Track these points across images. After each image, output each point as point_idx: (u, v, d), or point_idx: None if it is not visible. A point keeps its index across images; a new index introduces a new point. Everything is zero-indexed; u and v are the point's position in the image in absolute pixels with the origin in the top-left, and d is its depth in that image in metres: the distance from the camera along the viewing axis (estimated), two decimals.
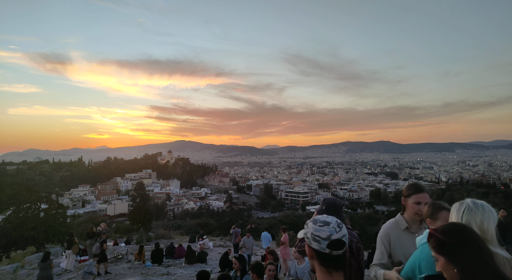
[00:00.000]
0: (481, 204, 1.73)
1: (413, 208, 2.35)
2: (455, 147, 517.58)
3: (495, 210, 1.70)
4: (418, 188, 2.41)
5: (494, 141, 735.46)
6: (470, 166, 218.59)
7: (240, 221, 29.53)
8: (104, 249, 10.64)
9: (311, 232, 1.33)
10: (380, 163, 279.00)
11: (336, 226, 1.33)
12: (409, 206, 2.38)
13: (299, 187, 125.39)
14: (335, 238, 1.29)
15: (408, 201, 2.38)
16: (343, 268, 1.35)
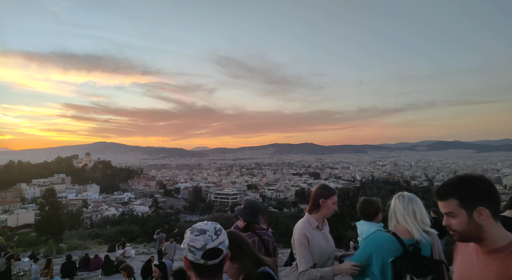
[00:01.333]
0: (415, 196, 2.15)
1: (331, 207, 2.54)
2: (367, 149, 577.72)
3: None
4: (333, 190, 2.63)
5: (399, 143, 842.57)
6: (379, 166, 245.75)
7: (167, 226, 28.35)
8: (11, 265, 9.16)
9: (187, 243, 1.28)
10: (305, 164, 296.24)
11: (213, 233, 1.27)
12: (327, 206, 2.53)
13: (228, 188, 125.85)
14: (211, 247, 1.24)
15: (327, 202, 2.53)
16: (220, 277, 1.30)
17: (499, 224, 1.39)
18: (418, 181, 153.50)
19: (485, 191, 1.37)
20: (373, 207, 2.87)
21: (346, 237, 28.37)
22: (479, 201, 1.36)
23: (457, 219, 1.40)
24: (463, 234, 1.41)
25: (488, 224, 1.36)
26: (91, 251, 18.29)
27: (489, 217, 1.36)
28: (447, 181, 1.47)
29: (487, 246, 1.38)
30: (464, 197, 1.38)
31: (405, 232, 2.04)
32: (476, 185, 1.38)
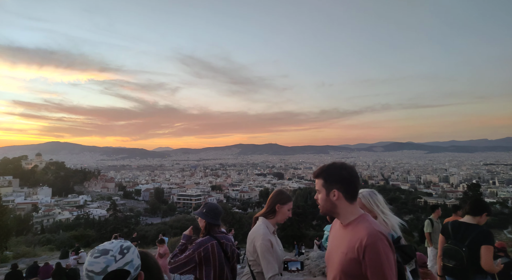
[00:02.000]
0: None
1: (286, 214, 2.55)
2: (329, 149, 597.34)
3: None
4: (290, 197, 2.63)
5: (358, 144, 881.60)
6: None
7: (126, 230, 27.25)
8: None
9: (85, 268, 1.11)
10: (269, 164, 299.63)
11: (117, 253, 1.14)
12: (283, 212, 2.53)
13: (192, 190, 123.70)
14: (113, 269, 1.10)
15: (283, 208, 2.53)
16: None
17: (353, 205, 1.67)
18: (375, 181, 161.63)
19: (342, 177, 1.65)
20: None
21: (308, 236, 29.06)
22: (336, 184, 1.64)
23: (320, 196, 1.71)
24: (323, 208, 1.72)
25: (341, 204, 1.65)
26: (41, 258, 17.00)
27: (341, 198, 1.64)
28: (324, 164, 1.75)
29: (343, 220, 1.68)
30: (326, 179, 1.68)
31: (382, 224, 2.22)
32: (337, 171, 1.67)
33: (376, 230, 1.52)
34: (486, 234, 2.91)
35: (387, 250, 1.47)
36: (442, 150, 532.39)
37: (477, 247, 2.89)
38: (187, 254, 2.54)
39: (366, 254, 1.47)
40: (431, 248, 6.86)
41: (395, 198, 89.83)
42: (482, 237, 2.90)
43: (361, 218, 1.63)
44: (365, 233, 1.51)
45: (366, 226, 1.56)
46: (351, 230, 1.61)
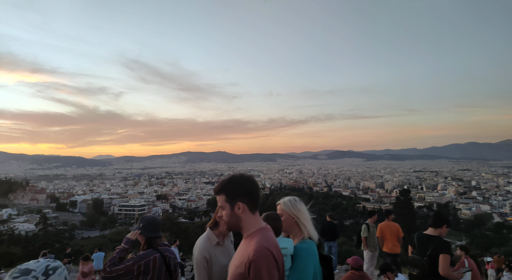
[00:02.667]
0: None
1: None
2: (276, 157, 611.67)
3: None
4: None
5: (303, 152, 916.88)
6: (287, 173, 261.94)
7: (57, 245, 24.78)
8: None
9: None
10: (217, 172, 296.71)
11: (40, 273, 1.05)
12: None
13: (135, 200, 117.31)
14: None
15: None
16: None
17: (255, 216, 1.70)
18: (319, 187, 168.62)
19: (246, 189, 1.67)
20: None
21: None
22: (239, 197, 1.66)
23: (225, 212, 1.69)
24: (228, 224, 1.71)
25: (245, 216, 1.67)
26: None
27: (246, 210, 1.66)
28: (223, 179, 1.74)
29: (244, 233, 1.70)
30: (229, 193, 1.68)
31: (299, 233, 2.32)
32: (239, 183, 1.68)
33: (264, 246, 1.52)
34: (444, 244, 3.30)
35: (271, 267, 1.48)
36: (378, 158, 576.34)
37: (437, 256, 3.25)
38: (126, 265, 2.39)
39: (251, 270, 1.48)
40: (367, 252, 7.32)
41: (337, 204, 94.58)
42: (440, 247, 3.28)
43: (257, 232, 1.64)
44: (253, 249, 1.52)
45: (256, 241, 1.57)
46: (247, 244, 1.63)
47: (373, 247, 7.29)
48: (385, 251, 7.10)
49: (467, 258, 6.59)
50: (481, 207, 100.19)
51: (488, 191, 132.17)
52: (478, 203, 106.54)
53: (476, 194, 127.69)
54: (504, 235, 55.71)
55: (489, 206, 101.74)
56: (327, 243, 8.62)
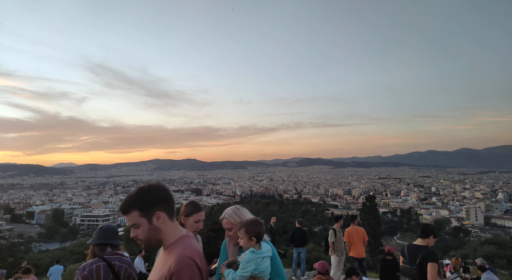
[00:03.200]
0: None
1: (194, 226, 2.48)
2: (247, 165, 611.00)
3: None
4: (197, 207, 2.55)
5: (274, 159, 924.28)
6: (257, 181, 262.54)
7: (11, 259, 22.98)
8: None
9: None
10: (187, 180, 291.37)
11: None
12: (189, 224, 2.46)
13: (99, 209, 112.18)
14: None
15: (188, 220, 2.47)
16: None
17: (174, 223, 1.61)
18: (289, 194, 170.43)
19: (160, 197, 1.56)
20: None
21: None
22: (156, 207, 1.53)
23: (141, 229, 1.53)
24: (147, 241, 1.55)
25: (165, 226, 1.55)
26: None
27: (166, 219, 1.56)
28: (128, 195, 1.56)
29: (165, 243, 1.58)
30: (143, 207, 1.52)
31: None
32: (152, 192, 1.55)
33: (187, 256, 1.47)
34: (431, 253, 3.57)
35: (194, 277, 1.43)
36: (345, 165, 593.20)
37: (425, 265, 3.50)
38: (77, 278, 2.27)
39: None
40: (334, 256, 7.48)
41: (307, 211, 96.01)
42: (428, 256, 3.53)
43: (179, 241, 1.57)
44: (174, 259, 1.45)
45: (178, 250, 1.50)
46: (167, 254, 1.55)
47: (340, 252, 7.47)
48: (352, 256, 7.29)
49: None
50: (440, 212, 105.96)
51: (446, 197, 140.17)
52: (437, 208, 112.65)
53: (436, 199, 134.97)
54: (461, 238, 59.17)
55: (448, 211, 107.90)
56: (296, 249, 8.69)
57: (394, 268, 6.81)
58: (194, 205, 2.55)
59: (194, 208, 2.51)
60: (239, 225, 2.22)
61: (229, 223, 2.34)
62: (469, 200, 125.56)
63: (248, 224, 2.19)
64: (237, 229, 2.22)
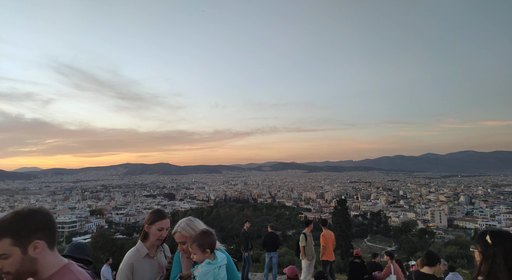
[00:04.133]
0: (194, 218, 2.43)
1: (157, 234, 2.43)
2: (221, 169, 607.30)
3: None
4: (161, 215, 2.50)
5: (248, 164, 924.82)
6: (232, 185, 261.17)
7: None
8: None
9: None
10: (160, 184, 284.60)
11: None
12: (153, 233, 2.43)
13: (65, 216, 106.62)
14: None
15: (151, 228, 2.43)
16: None
17: (54, 252, 1.41)
18: (263, 199, 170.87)
19: (42, 223, 1.37)
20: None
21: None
22: (35, 235, 1.34)
23: (11, 260, 1.31)
24: (17, 274, 1.32)
25: (44, 255, 1.36)
26: None
27: (45, 248, 1.37)
28: (1, 219, 1.36)
29: (43, 275, 1.36)
30: (18, 234, 1.32)
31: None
32: (33, 218, 1.36)
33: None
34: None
35: None
36: (318, 169, 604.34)
37: None
38: None
39: None
40: (304, 260, 7.57)
41: (281, 215, 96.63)
42: None
43: (65, 269, 1.40)
44: None
45: (70, 278, 1.37)
46: None
47: (310, 256, 7.56)
48: (325, 260, 7.40)
49: (392, 263, 7.16)
50: (408, 214, 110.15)
51: (413, 200, 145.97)
52: (405, 211, 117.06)
53: (403, 202, 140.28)
54: (426, 239, 61.86)
55: (414, 213, 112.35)
56: (268, 253, 8.70)
57: (362, 270, 7.00)
58: (157, 213, 2.51)
59: (157, 216, 2.46)
60: (190, 240, 2.14)
61: (182, 236, 2.29)
62: (434, 203, 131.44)
63: (200, 238, 2.13)
64: (189, 245, 2.14)
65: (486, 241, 1.72)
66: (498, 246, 1.66)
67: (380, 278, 6.96)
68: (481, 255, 1.70)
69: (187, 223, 2.33)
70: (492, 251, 1.65)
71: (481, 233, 1.80)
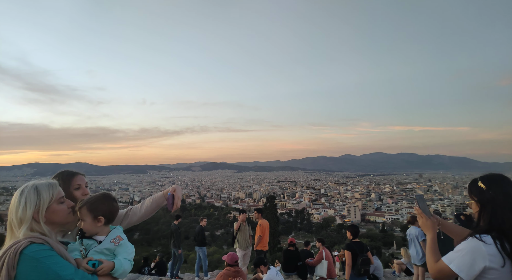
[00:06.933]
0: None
1: (78, 196, 2.15)
2: (148, 169, 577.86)
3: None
4: (71, 173, 2.09)
5: (177, 163, 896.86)
6: (159, 186, 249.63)
7: None
8: None
9: None
10: None
11: None
12: (77, 195, 2.06)
13: None
14: None
15: (73, 192, 2.10)
16: None
17: None
18: (192, 199, 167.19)
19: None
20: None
21: None
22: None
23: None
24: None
25: None
26: None
27: None
28: None
29: None
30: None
31: None
32: None
33: None
34: None
35: None
36: (248, 169, 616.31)
37: None
38: None
39: None
40: (238, 250, 7.42)
41: (210, 215, 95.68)
42: None
43: None
44: None
45: None
46: None
47: (244, 245, 7.42)
48: (260, 249, 7.32)
49: (324, 249, 7.40)
50: (328, 211, 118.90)
51: (332, 198, 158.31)
52: (325, 208, 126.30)
53: (324, 200, 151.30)
54: (343, 234, 67.54)
55: (333, 210, 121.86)
56: (200, 248, 8.50)
57: (296, 258, 7.09)
58: (65, 173, 2.02)
59: (68, 176, 2.01)
60: (80, 202, 1.69)
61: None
62: (350, 200, 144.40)
63: (93, 201, 1.68)
64: (77, 208, 1.66)
65: (480, 188, 1.69)
66: (493, 188, 1.64)
67: (313, 264, 7.14)
68: (478, 204, 1.67)
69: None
70: (489, 194, 1.64)
71: (472, 183, 1.76)
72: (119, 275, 1.60)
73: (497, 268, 1.44)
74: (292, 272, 7.03)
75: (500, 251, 1.45)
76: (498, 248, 1.46)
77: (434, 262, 1.64)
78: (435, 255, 1.67)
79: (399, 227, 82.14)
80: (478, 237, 1.51)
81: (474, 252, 1.48)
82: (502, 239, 1.48)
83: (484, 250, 1.46)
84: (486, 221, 1.59)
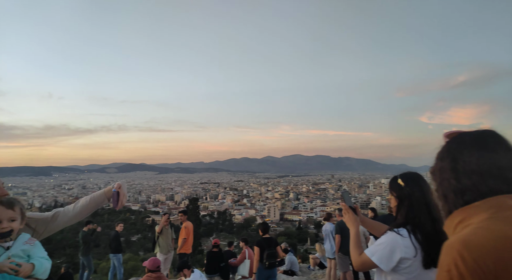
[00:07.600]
0: None
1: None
2: (52, 171, 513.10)
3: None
4: None
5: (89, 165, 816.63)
6: (66, 190, 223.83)
7: None
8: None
9: None
10: None
11: None
12: None
13: None
14: None
15: None
16: None
17: None
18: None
19: None
20: None
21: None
22: None
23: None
24: None
25: None
26: None
27: None
28: None
29: None
30: None
31: None
32: None
33: None
34: None
35: None
36: (170, 171, 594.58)
37: None
38: None
39: None
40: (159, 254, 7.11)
41: (125, 219, 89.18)
42: None
43: None
44: None
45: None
46: None
47: (166, 249, 7.13)
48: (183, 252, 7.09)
49: (247, 248, 7.54)
50: (249, 211, 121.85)
51: (254, 198, 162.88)
52: (247, 209, 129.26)
53: (246, 201, 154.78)
54: None
55: (254, 210, 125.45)
56: (114, 255, 8.00)
57: (219, 259, 7.08)
58: None
59: None
60: None
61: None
62: (270, 200, 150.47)
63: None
64: None
65: (399, 185, 1.81)
66: (410, 185, 1.77)
67: (235, 264, 7.21)
68: (397, 199, 1.80)
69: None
70: (406, 191, 1.76)
71: (392, 179, 1.88)
72: (40, 275, 1.53)
73: (410, 258, 1.61)
74: (215, 274, 7.00)
75: (413, 242, 1.62)
76: (412, 240, 1.63)
77: (357, 255, 1.77)
78: (358, 248, 1.79)
79: (313, 224, 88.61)
80: (396, 231, 1.69)
81: (392, 245, 1.64)
82: (416, 232, 1.65)
83: (401, 243, 1.63)
84: (403, 214, 1.74)
